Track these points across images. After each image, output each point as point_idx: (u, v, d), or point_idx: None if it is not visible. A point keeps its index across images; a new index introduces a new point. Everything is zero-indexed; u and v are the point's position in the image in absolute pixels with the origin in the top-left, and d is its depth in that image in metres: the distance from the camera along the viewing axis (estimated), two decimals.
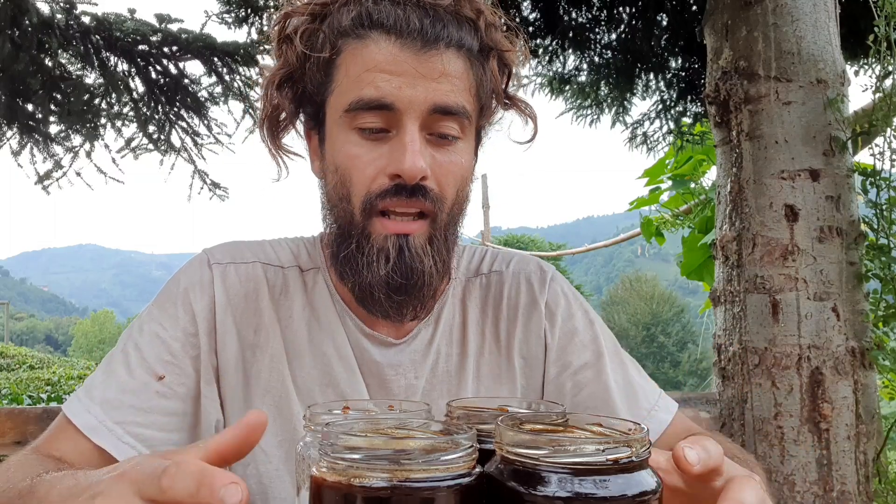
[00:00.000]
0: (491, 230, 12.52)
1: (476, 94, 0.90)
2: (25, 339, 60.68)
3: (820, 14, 2.06)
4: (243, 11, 3.30)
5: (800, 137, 2.01)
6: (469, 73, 0.88)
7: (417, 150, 0.84)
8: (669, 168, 4.15)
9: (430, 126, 0.87)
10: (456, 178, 0.90)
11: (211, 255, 0.99)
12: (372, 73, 0.84)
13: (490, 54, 0.91)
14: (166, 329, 0.92)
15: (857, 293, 2.01)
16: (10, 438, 1.69)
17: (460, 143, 0.90)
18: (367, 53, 0.85)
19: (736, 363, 2.06)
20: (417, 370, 0.99)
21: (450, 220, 0.91)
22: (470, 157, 0.93)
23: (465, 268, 1.07)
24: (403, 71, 0.83)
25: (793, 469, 1.93)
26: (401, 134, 0.85)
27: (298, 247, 1.04)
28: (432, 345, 1.01)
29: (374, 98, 0.84)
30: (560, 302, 1.05)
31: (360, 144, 0.87)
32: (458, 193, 0.91)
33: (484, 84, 0.91)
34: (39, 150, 3.43)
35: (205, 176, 3.72)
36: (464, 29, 0.87)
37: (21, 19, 2.88)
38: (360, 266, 0.89)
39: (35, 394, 6.09)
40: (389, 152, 0.86)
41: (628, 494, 0.47)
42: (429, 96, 0.84)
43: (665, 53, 3.36)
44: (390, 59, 0.84)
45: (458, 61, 0.86)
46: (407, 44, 0.84)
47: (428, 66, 0.84)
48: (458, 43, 0.86)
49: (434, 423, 0.58)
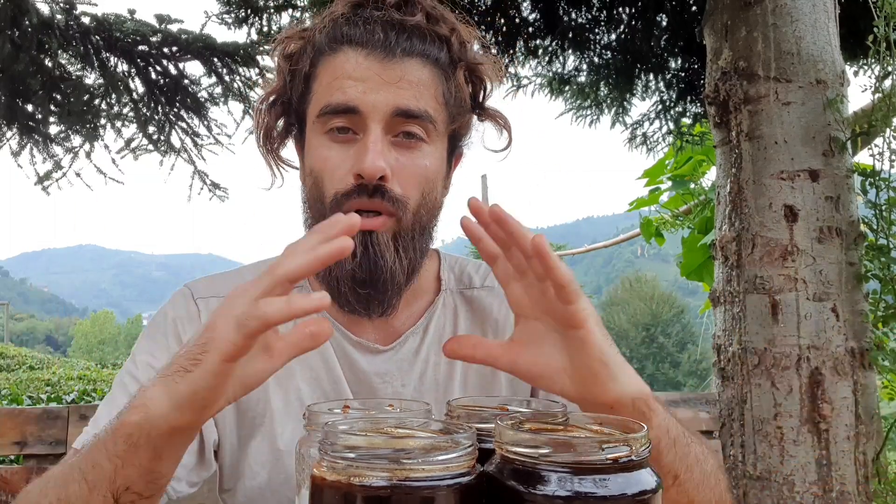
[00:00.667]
0: None
1: (444, 103, 0.95)
2: (25, 339, 60.64)
3: (819, 14, 2.06)
4: (243, 12, 3.30)
5: (799, 138, 2.02)
6: (435, 80, 0.93)
7: (379, 151, 0.89)
8: (669, 168, 4.15)
9: (395, 128, 0.91)
10: (419, 179, 0.93)
11: (195, 290, 1.02)
12: (340, 80, 0.91)
13: (458, 66, 0.96)
14: (157, 358, 0.94)
15: (857, 293, 2.01)
16: (10, 439, 1.69)
17: (426, 146, 0.93)
18: (337, 63, 0.92)
19: (735, 363, 2.06)
20: (405, 378, 1.01)
21: (416, 221, 0.94)
22: (437, 161, 0.96)
23: (456, 281, 1.10)
24: (368, 77, 0.90)
25: (792, 469, 1.93)
26: (365, 136, 0.90)
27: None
28: (420, 353, 1.02)
29: (340, 102, 0.90)
30: None
31: (330, 147, 0.92)
32: (425, 196, 0.94)
33: (452, 93, 0.95)
34: (39, 151, 3.43)
35: (204, 176, 3.72)
36: (431, 43, 0.93)
37: (21, 19, 2.88)
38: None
39: (35, 394, 6.08)
40: (355, 154, 0.90)
41: (628, 493, 0.47)
42: (391, 100, 0.89)
43: (665, 54, 3.36)
44: (356, 66, 0.91)
45: (422, 70, 0.92)
46: (372, 53, 0.91)
47: (390, 71, 0.90)
48: (423, 54, 0.93)
49: (434, 422, 0.58)
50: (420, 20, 0.93)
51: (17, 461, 2.98)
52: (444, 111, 0.95)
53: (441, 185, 0.99)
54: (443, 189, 1.00)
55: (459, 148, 1.04)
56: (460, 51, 0.96)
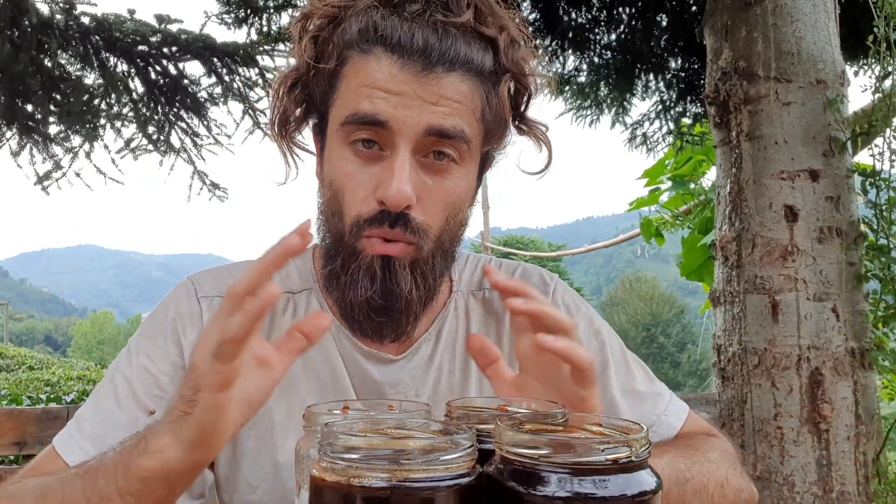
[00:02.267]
0: (490, 230, 12.52)
1: (481, 118, 0.86)
2: (25, 339, 60.66)
3: (819, 14, 2.06)
4: (243, 12, 3.30)
5: (799, 138, 2.01)
6: (475, 95, 0.85)
7: (406, 177, 0.81)
8: (669, 169, 4.15)
9: (425, 148, 0.84)
10: (446, 205, 0.86)
11: (198, 287, 0.96)
12: (370, 90, 0.82)
13: (503, 77, 0.87)
14: (155, 363, 0.90)
15: (857, 294, 2.01)
16: (10, 439, 1.69)
17: (457, 168, 0.86)
18: (368, 69, 0.83)
19: (736, 364, 2.05)
20: (419, 388, 0.97)
21: (437, 246, 0.88)
22: (467, 183, 0.89)
23: (466, 281, 1.04)
24: (401, 91, 0.81)
25: (792, 469, 1.93)
26: (392, 156, 0.82)
27: (287, 268, 1.00)
28: (434, 360, 0.98)
29: (368, 113, 0.82)
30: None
31: (353, 162, 0.85)
32: (449, 221, 0.88)
33: (492, 107, 0.87)
34: (39, 151, 3.43)
35: (204, 177, 3.72)
36: (476, 48, 0.84)
37: (21, 20, 2.88)
38: (344, 284, 0.87)
39: (34, 394, 6.08)
40: (380, 174, 0.83)
41: (628, 494, 0.47)
42: (424, 118, 0.81)
43: (665, 54, 3.37)
44: (389, 77, 0.81)
45: (462, 84, 0.83)
46: (408, 64, 0.81)
47: (427, 88, 0.81)
48: (466, 64, 0.83)
49: (433, 422, 0.58)
50: (468, 20, 0.83)
51: (17, 461, 2.98)
52: (480, 129, 0.87)
53: (469, 204, 0.92)
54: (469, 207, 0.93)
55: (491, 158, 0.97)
56: (507, 54, 0.86)
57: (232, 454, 0.93)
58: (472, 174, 0.90)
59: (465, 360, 1.00)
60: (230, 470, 0.93)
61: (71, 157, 3.47)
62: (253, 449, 0.92)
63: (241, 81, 3.50)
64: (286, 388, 0.93)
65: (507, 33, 0.86)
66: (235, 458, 0.93)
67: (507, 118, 0.91)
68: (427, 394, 0.97)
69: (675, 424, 1.01)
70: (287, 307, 0.97)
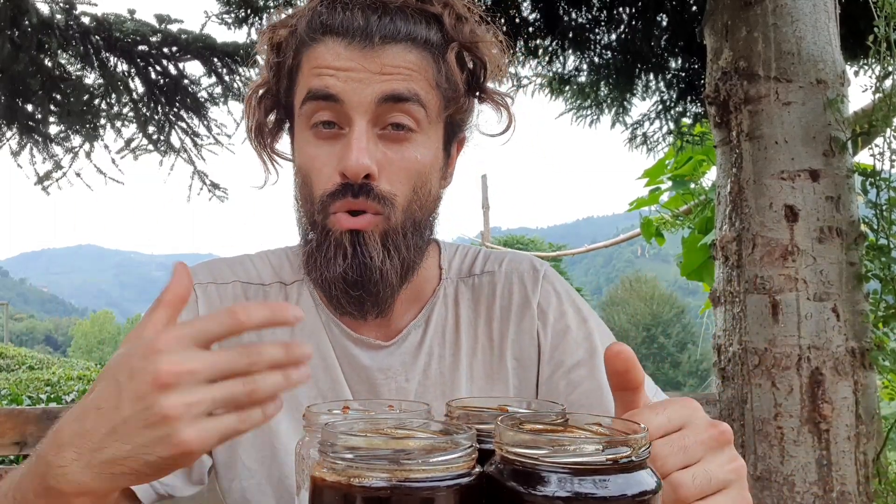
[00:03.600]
0: (491, 230, 12.52)
1: (436, 86, 0.89)
2: (25, 339, 60.66)
3: (820, 14, 2.06)
4: (243, 12, 3.30)
5: (800, 138, 2.01)
6: (424, 63, 0.88)
7: (363, 147, 0.84)
8: (669, 168, 4.15)
9: (383, 119, 0.87)
10: (410, 173, 0.89)
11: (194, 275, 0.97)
12: (319, 69, 0.87)
13: (450, 45, 0.90)
14: None
15: (857, 293, 2.01)
16: (10, 439, 1.69)
17: (417, 136, 0.88)
18: (317, 54, 0.88)
19: (736, 364, 2.05)
20: (408, 373, 0.98)
21: (407, 217, 0.90)
22: (431, 151, 0.91)
23: (457, 268, 1.06)
24: (348, 66, 0.86)
25: (793, 469, 1.93)
26: (350, 132, 0.86)
27: (281, 259, 1.03)
28: (423, 346, 0.99)
29: (319, 89, 0.86)
30: (551, 301, 1.03)
31: (316, 144, 0.89)
32: (416, 191, 0.90)
33: (443, 75, 0.90)
34: (39, 151, 3.43)
35: (204, 177, 3.72)
36: (419, 22, 0.88)
37: (21, 19, 2.88)
38: (320, 263, 0.89)
39: (34, 394, 6.09)
40: (340, 151, 0.87)
41: (628, 494, 0.47)
42: (374, 87, 0.85)
43: (665, 54, 3.37)
44: (335, 56, 0.86)
45: (408, 54, 0.87)
46: (352, 42, 0.86)
47: (372, 61, 0.85)
48: (409, 36, 0.87)
49: (434, 422, 0.58)
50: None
51: (17, 461, 2.98)
52: (436, 95, 0.90)
53: (437, 175, 0.94)
54: (441, 180, 0.96)
55: (460, 134, 0.99)
56: (455, 28, 0.90)
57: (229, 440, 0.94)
58: (434, 143, 0.92)
59: (454, 346, 1.01)
60: (228, 455, 0.95)
61: (71, 157, 3.47)
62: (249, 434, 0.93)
63: (242, 81, 3.50)
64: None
65: (451, 9, 0.90)
66: (232, 443, 0.94)
67: (460, 84, 0.92)
68: (417, 378, 0.98)
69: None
70: (278, 297, 1.00)
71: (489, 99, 0.98)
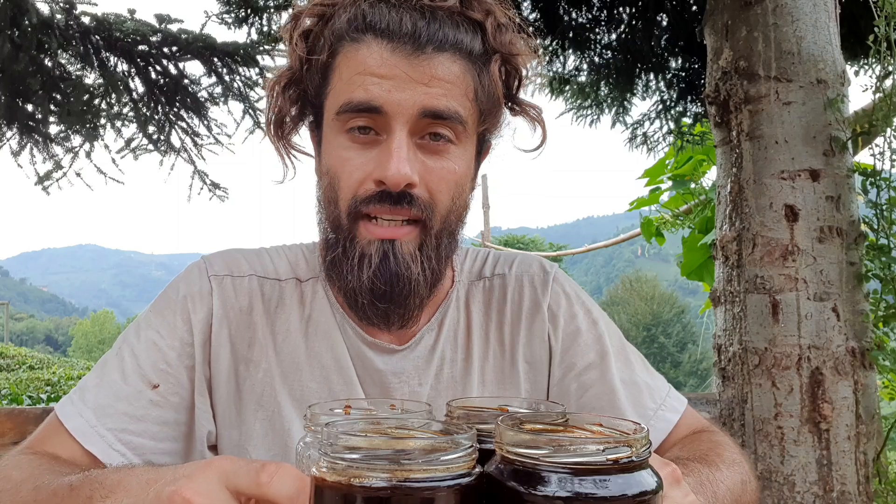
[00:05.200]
0: (491, 230, 12.52)
1: (474, 99, 0.88)
2: (25, 339, 60.64)
3: (820, 14, 2.06)
4: (243, 12, 3.30)
5: (800, 137, 2.01)
6: (467, 76, 0.86)
7: (404, 157, 0.83)
8: (669, 168, 4.15)
9: (421, 130, 0.85)
10: (449, 184, 0.88)
11: (210, 266, 0.98)
12: (362, 77, 0.84)
13: (493, 57, 0.88)
14: (163, 337, 0.92)
15: (857, 293, 2.01)
16: (10, 438, 1.69)
17: (455, 148, 0.88)
18: (360, 57, 0.84)
19: (736, 363, 2.05)
20: (421, 377, 0.98)
21: (444, 227, 0.89)
22: (466, 163, 0.90)
23: (467, 271, 1.05)
24: (394, 75, 0.82)
25: (793, 469, 1.93)
26: (389, 139, 0.84)
27: (297, 256, 1.02)
28: (436, 350, 0.99)
29: (362, 101, 0.83)
30: (562, 303, 1.03)
31: (349, 148, 0.86)
32: (454, 200, 0.89)
33: (485, 88, 0.88)
34: (39, 151, 3.43)
35: (204, 176, 3.72)
36: (464, 31, 0.85)
37: (21, 19, 2.88)
38: (345, 271, 0.88)
39: (35, 394, 6.09)
40: (377, 157, 0.85)
41: (628, 494, 0.47)
42: (418, 100, 0.83)
43: (665, 53, 3.37)
44: (380, 62, 0.83)
45: (453, 65, 0.84)
46: (398, 48, 0.83)
47: (419, 70, 0.82)
48: (456, 45, 0.84)
49: (434, 423, 0.58)
50: (454, 4, 0.85)
51: None
52: (474, 109, 0.88)
53: (470, 185, 0.94)
54: (470, 190, 0.95)
55: (488, 142, 0.98)
56: (496, 38, 0.88)
57: (238, 438, 0.95)
58: (469, 155, 0.92)
59: (466, 350, 1.01)
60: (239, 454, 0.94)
61: (71, 156, 3.47)
62: (260, 431, 0.94)
63: (242, 81, 3.50)
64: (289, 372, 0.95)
65: (493, 17, 0.88)
66: (241, 442, 0.94)
67: (501, 99, 0.92)
68: (430, 382, 0.98)
69: (672, 418, 1.01)
70: (294, 293, 0.99)
71: (523, 112, 0.97)
